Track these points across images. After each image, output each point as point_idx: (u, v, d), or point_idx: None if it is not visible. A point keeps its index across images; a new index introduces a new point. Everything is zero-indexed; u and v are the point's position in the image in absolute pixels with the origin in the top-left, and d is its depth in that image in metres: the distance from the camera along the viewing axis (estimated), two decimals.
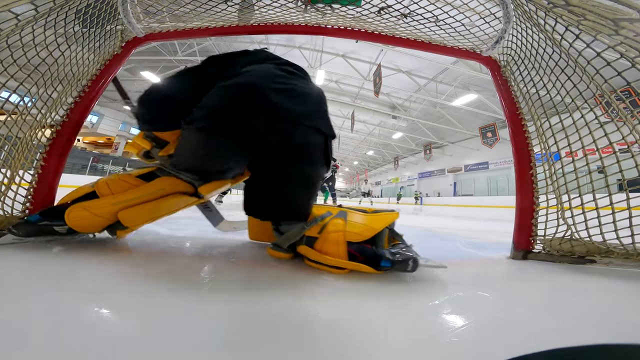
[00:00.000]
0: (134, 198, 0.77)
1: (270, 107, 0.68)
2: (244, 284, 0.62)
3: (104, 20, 1.06)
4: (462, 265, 0.93)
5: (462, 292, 0.62)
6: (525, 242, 1.00)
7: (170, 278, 0.61)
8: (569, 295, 0.65)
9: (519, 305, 0.57)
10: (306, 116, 0.72)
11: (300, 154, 0.76)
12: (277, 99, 0.68)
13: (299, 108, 0.71)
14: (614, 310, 0.56)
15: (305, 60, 10.63)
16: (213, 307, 0.47)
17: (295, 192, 0.79)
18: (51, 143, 0.98)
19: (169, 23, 1.33)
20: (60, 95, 0.97)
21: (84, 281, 0.57)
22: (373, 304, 0.54)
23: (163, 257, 0.77)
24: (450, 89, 11.15)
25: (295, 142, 0.73)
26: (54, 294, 0.48)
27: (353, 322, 0.45)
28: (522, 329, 0.45)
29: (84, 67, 1.05)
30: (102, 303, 0.46)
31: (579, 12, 0.73)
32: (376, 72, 8.48)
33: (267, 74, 0.75)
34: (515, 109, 1.05)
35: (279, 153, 0.75)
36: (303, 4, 1.30)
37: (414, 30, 1.25)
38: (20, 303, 0.43)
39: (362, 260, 0.69)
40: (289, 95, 0.71)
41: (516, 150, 1.05)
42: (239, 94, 0.69)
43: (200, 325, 0.40)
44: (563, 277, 0.77)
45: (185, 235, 1.11)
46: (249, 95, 0.68)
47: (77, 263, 0.66)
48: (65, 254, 0.72)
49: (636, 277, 0.75)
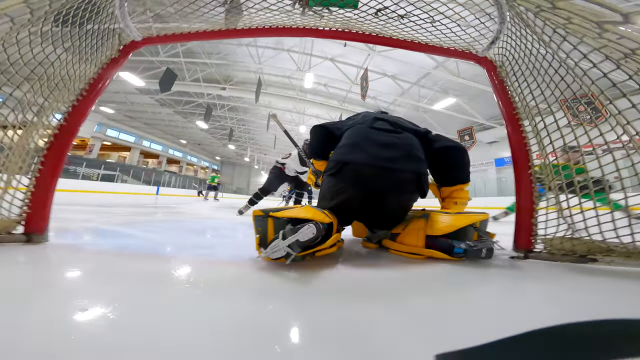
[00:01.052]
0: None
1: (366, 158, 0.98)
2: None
3: (101, 23, 1.07)
4: (463, 264, 0.95)
5: (462, 291, 0.65)
6: (526, 241, 1.00)
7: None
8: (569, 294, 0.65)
9: (518, 303, 0.60)
10: (395, 160, 0.96)
11: (395, 188, 0.99)
12: (371, 151, 0.98)
13: (386, 154, 0.97)
14: (613, 310, 0.55)
15: (294, 63, 10.59)
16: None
17: (394, 213, 1.04)
18: (48, 147, 0.98)
19: (167, 25, 1.33)
20: (57, 98, 0.98)
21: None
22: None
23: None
24: (431, 93, 11.53)
25: (392, 179, 0.97)
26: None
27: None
28: (521, 322, 0.46)
29: (81, 71, 1.06)
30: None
31: (565, 16, 0.73)
32: (363, 76, 8.59)
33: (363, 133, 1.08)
34: (512, 108, 1.06)
35: (382, 188, 0.98)
36: (301, 7, 1.30)
37: (410, 32, 1.25)
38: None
39: (437, 248, 0.88)
40: (379, 146, 0.99)
41: (514, 150, 1.05)
42: (347, 150, 1.05)
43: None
44: (564, 276, 0.77)
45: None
46: (353, 150, 1.02)
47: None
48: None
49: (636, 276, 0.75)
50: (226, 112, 18.76)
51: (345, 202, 1.01)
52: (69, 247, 0.94)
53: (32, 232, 0.92)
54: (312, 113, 16.37)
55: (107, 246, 1.04)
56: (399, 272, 0.80)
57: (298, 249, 0.74)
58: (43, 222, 0.95)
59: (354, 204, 1.01)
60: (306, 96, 14.27)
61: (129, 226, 1.59)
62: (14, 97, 0.90)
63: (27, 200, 0.93)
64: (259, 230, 0.86)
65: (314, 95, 14.23)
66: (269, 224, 0.84)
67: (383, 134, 1.04)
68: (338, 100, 14.38)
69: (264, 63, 11.34)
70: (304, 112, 16.56)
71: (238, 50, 10.85)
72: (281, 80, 13.26)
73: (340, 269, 0.81)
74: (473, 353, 0.35)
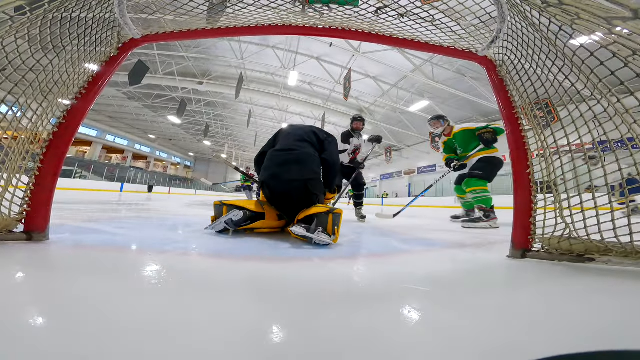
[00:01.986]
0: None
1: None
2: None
3: (100, 21, 1.06)
4: (462, 263, 0.99)
5: (462, 290, 0.66)
6: (524, 241, 1.00)
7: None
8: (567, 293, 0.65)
9: (517, 301, 0.61)
10: (287, 173, 1.40)
11: (290, 191, 1.39)
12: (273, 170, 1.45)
13: (281, 169, 1.41)
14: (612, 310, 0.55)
15: (279, 60, 10.33)
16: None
17: (294, 207, 1.41)
18: (48, 145, 0.98)
19: (166, 19, 1.24)
20: (56, 97, 0.98)
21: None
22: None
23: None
24: (408, 95, 12.01)
25: (287, 187, 1.39)
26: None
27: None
28: (521, 323, 0.47)
29: (81, 69, 1.06)
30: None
31: (573, 11, 0.73)
32: (347, 77, 8.66)
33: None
34: (512, 108, 1.06)
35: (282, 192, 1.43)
36: (301, 5, 1.28)
37: (410, 30, 1.23)
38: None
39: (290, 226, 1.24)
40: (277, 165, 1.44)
41: (513, 149, 1.05)
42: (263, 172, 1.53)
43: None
44: (562, 275, 0.78)
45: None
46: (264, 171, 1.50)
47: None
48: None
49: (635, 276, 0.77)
50: (202, 107, 17.83)
51: (269, 200, 1.45)
52: (70, 245, 0.95)
53: (32, 230, 0.93)
54: (295, 111, 16.16)
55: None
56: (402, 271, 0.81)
57: (233, 226, 1.25)
58: (44, 221, 0.96)
59: (273, 202, 1.44)
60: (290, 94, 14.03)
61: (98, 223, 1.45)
62: (13, 95, 0.88)
63: (27, 199, 0.93)
64: (215, 213, 1.37)
65: (297, 93, 14.05)
66: (224, 210, 1.33)
67: (280, 154, 1.46)
68: (321, 99, 14.37)
69: (247, 59, 10.95)
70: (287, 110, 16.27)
71: (219, 44, 10.36)
72: (264, 77, 12.90)
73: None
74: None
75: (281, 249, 1.04)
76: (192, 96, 15.89)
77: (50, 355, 0.30)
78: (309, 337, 0.38)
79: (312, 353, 0.34)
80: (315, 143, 1.55)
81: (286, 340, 0.38)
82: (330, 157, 1.56)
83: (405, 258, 1.04)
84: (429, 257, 1.08)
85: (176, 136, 26.44)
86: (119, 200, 4.97)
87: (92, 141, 22.17)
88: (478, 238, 1.62)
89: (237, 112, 18.11)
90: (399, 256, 1.07)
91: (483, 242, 1.45)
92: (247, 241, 1.17)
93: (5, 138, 0.87)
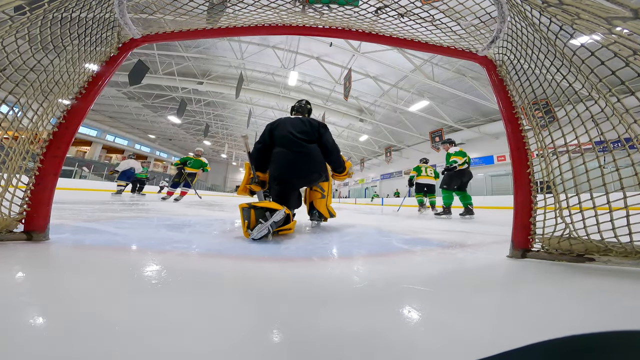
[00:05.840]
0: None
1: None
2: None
3: (100, 21, 1.06)
4: (462, 263, 0.98)
5: (463, 290, 0.66)
6: (524, 240, 1.00)
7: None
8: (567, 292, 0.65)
9: (517, 301, 0.61)
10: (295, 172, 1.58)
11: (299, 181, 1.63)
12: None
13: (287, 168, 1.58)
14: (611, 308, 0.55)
15: (279, 60, 10.32)
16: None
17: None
18: (48, 145, 0.97)
19: (165, 19, 1.24)
20: (56, 97, 0.98)
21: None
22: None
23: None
24: (408, 95, 11.98)
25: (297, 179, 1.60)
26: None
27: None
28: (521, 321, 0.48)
29: (81, 69, 1.06)
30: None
31: (573, 11, 0.73)
32: (347, 76, 8.65)
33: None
34: (512, 108, 1.06)
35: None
36: (301, 4, 1.29)
37: (410, 30, 1.23)
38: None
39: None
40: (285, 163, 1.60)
41: (513, 149, 1.05)
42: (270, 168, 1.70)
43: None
44: (562, 275, 0.77)
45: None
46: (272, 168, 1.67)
47: None
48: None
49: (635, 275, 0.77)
50: (202, 107, 17.81)
51: (278, 196, 1.54)
52: (70, 245, 0.95)
53: (32, 230, 0.92)
54: None
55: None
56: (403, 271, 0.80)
57: (273, 229, 1.18)
58: (44, 221, 0.95)
59: (280, 197, 1.53)
60: (290, 94, 14.02)
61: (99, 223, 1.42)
62: (14, 95, 0.88)
63: (27, 199, 0.93)
64: (245, 217, 1.22)
65: (297, 93, 14.03)
66: (251, 213, 1.22)
67: (285, 153, 1.57)
68: (322, 99, 14.35)
69: (247, 59, 10.93)
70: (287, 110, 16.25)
71: (219, 44, 10.34)
72: (264, 77, 12.88)
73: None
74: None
75: (281, 249, 1.05)
76: (192, 96, 15.88)
77: (50, 355, 0.30)
78: (309, 337, 0.38)
79: (312, 353, 0.34)
80: (311, 132, 1.68)
81: (286, 340, 0.38)
82: (328, 142, 1.70)
83: (405, 258, 1.04)
84: (429, 257, 1.08)
85: (176, 136, 26.42)
86: (119, 200, 4.97)
87: (92, 141, 22.16)
88: (478, 238, 1.62)
89: (237, 112, 18.09)
90: (399, 256, 1.07)
91: (483, 242, 1.45)
92: (247, 241, 1.17)
93: (5, 138, 0.87)
